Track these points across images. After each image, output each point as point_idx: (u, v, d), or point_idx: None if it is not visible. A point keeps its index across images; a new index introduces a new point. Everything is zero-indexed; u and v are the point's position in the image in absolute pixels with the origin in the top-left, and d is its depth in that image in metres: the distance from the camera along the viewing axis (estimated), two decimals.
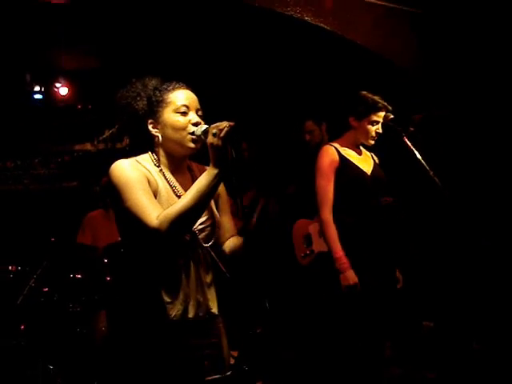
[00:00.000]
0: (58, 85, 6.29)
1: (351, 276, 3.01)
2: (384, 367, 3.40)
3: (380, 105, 3.18)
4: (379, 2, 4.27)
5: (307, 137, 4.42)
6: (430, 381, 3.82)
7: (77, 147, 6.59)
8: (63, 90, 6.33)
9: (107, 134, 6.40)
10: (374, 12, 4.27)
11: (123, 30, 4.94)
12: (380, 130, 3.20)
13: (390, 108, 3.20)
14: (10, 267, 3.67)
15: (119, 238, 2.03)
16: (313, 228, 3.49)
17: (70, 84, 6.34)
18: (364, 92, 3.24)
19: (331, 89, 4.50)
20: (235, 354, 3.82)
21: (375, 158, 3.39)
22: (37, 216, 5.51)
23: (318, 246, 3.38)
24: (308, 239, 3.52)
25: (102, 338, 3.45)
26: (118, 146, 5.97)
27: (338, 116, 3.34)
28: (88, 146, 6.57)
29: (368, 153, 3.37)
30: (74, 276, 3.63)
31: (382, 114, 3.19)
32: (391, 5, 4.32)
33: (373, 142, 3.24)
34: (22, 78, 6.17)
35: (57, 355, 3.41)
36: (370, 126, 3.20)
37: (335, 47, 4.40)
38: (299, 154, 4.61)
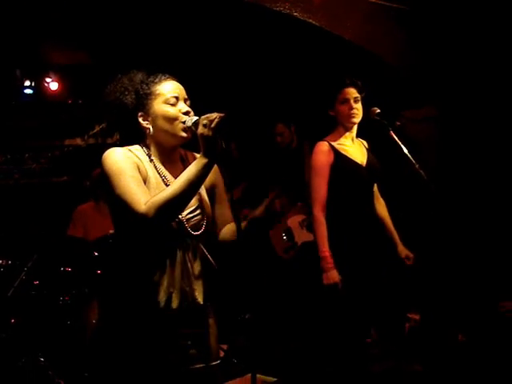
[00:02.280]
0: (48, 80, 6.26)
1: (333, 276, 3.06)
2: (368, 362, 3.44)
3: (342, 82, 3.15)
4: None
5: (278, 139, 4.74)
6: (417, 374, 3.86)
7: (67, 142, 6.57)
8: (53, 85, 6.30)
9: (97, 129, 6.39)
10: (363, 8, 4.29)
11: (114, 25, 4.94)
12: (355, 106, 3.14)
13: (358, 83, 3.17)
14: (0, 261, 3.69)
15: (110, 230, 2.06)
16: (291, 222, 3.57)
17: (61, 79, 6.31)
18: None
19: (317, 86, 4.54)
20: (225, 347, 3.86)
21: (365, 144, 3.36)
22: (27, 210, 5.51)
23: (301, 237, 3.46)
24: (289, 233, 3.60)
25: (93, 330, 3.48)
26: (109, 141, 5.95)
27: (323, 114, 3.32)
28: (78, 141, 6.55)
29: (360, 141, 3.34)
30: (65, 269, 3.65)
31: (350, 89, 3.15)
32: (380, 1, 4.34)
33: (356, 120, 3.17)
34: (12, 73, 6.14)
35: (48, 348, 3.43)
36: (342, 107, 3.16)
37: (321, 43, 4.43)
38: (271, 155, 4.87)
